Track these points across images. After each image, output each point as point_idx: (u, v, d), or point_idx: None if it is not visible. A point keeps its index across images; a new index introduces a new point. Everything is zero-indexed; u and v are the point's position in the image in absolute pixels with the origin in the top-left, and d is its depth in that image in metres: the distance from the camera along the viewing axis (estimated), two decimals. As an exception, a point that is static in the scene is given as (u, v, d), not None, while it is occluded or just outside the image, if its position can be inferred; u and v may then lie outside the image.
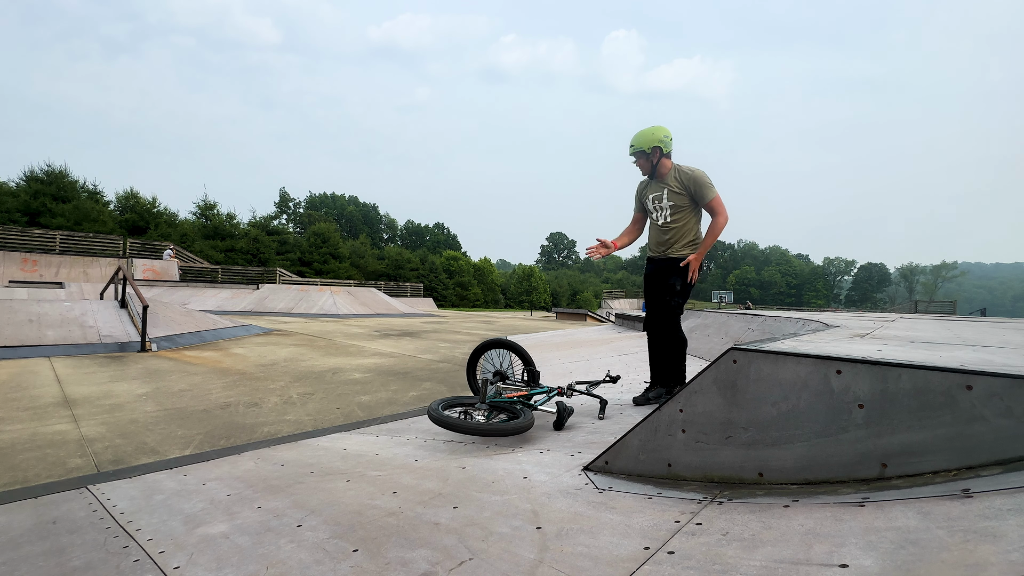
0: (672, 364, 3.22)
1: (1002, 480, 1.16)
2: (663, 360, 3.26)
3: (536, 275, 63.46)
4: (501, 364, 3.40)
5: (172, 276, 22.03)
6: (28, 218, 28.84)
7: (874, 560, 1.01)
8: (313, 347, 8.19)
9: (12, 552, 1.63)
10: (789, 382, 1.53)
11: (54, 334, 7.10)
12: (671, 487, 1.67)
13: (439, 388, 5.17)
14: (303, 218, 57.85)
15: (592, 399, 3.29)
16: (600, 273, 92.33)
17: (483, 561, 1.32)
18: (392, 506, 1.76)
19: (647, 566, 1.20)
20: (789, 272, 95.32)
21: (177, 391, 4.70)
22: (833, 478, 1.43)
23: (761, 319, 5.77)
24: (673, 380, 3.21)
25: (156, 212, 36.21)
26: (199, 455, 2.82)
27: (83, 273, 19.29)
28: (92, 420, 3.66)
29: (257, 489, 2.09)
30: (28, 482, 2.49)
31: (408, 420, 3.57)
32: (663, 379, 3.26)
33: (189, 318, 9.39)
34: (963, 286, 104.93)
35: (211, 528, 1.70)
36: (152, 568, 1.45)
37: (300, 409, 4.12)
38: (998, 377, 1.25)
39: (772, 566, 1.09)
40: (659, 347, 3.28)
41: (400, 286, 36.09)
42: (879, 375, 1.39)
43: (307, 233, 48.11)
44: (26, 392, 4.49)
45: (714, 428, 1.66)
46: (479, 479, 2.01)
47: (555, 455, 2.27)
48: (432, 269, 51.17)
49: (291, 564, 1.40)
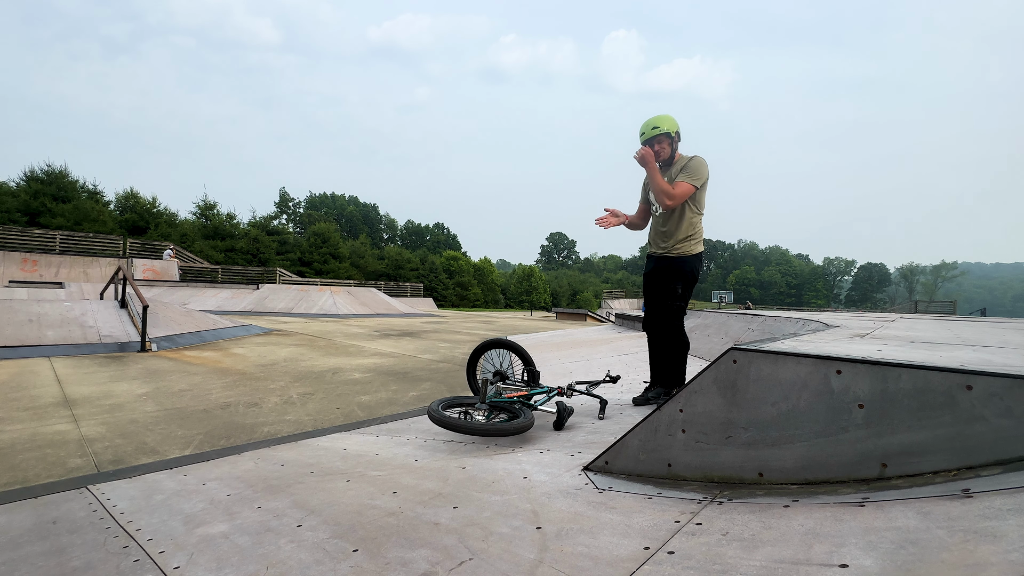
0: (673, 366, 3.21)
1: (1002, 480, 1.16)
2: (663, 361, 3.25)
3: (536, 275, 63.47)
4: (501, 364, 3.40)
5: (172, 276, 22.03)
6: (28, 218, 28.84)
7: (874, 560, 1.01)
8: (313, 347, 8.19)
9: (12, 552, 1.63)
10: (789, 382, 1.53)
11: (54, 334, 7.10)
12: (671, 487, 1.67)
13: (439, 388, 5.17)
14: (303, 218, 57.86)
15: (592, 399, 3.28)
16: (600, 273, 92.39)
17: (483, 561, 1.32)
18: (392, 506, 1.76)
19: (647, 566, 1.20)
20: (789, 272, 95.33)
21: (177, 391, 4.70)
22: (833, 478, 1.43)
23: (761, 319, 5.78)
24: (673, 382, 3.20)
25: (156, 212, 36.21)
26: (199, 455, 2.82)
27: (83, 273, 19.30)
28: (92, 420, 3.66)
29: (257, 489, 2.08)
30: (28, 482, 2.49)
31: (408, 420, 3.57)
32: (663, 380, 3.25)
33: (189, 318, 9.39)
34: (963, 286, 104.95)
35: (211, 528, 1.70)
36: (152, 568, 1.45)
37: (300, 409, 4.12)
38: (998, 377, 1.25)
39: (772, 566, 1.09)
40: (659, 348, 3.27)
41: (400, 286, 36.10)
42: (879, 375, 1.39)
43: (307, 233, 48.12)
44: (26, 392, 4.49)
45: (714, 428, 1.66)
46: (479, 479, 2.00)
47: (555, 455, 2.27)
48: (432, 269, 51.17)
49: (291, 564, 1.40)
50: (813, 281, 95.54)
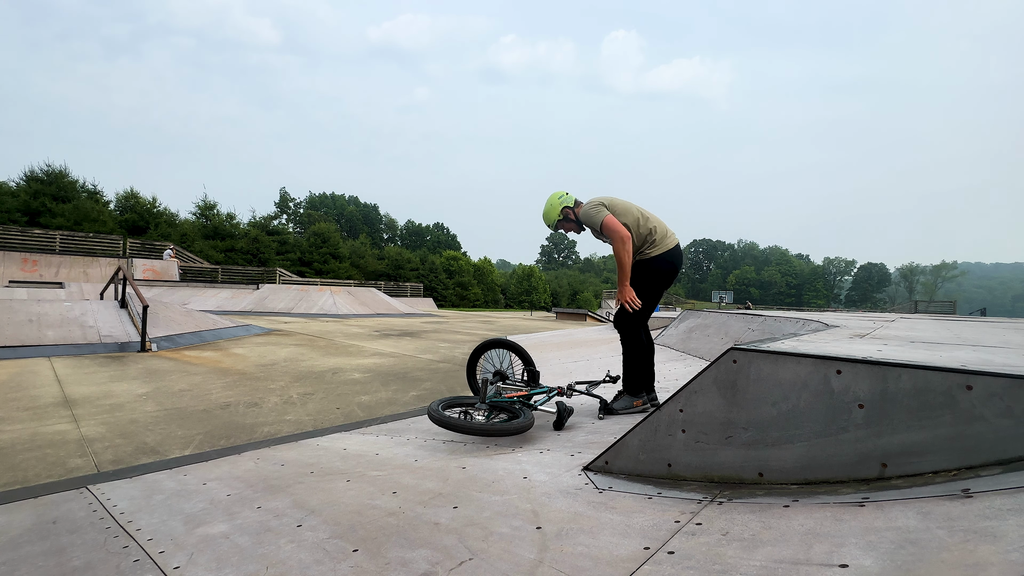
0: (624, 367, 3.15)
1: (1002, 480, 1.16)
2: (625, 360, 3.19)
3: (536, 275, 63.49)
4: (501, 364, 3.40)
5: (172, 276, 22.04)
6: (28, 218, 28.85)
7: (874, 560, 1.01)
8: (313, 347, 8.19)
9: (12, 552, 1.63)
10: (789, 382, 1.53)
11: (54, 334, 7.10)
12: (671, 487, 1.67)
13: (439, 388, 5.17)
14: (303, 218, 57.88)
15: (592, 399, 3.29)
16: (600, 273, 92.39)
17: (483, 561, 1.32)
18: (392, 506, 1.76)
19: (647, 566, 1.20)
20: (789, 272, 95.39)
21: (177, 391, 4.70)
22: (833, 478, 1.43)
23: (761, 319, 5.77)
24: (623, 383, 3.15)
25: (156, 212, 36.22)
26: (199, 455, 2.82)
27: (83, 273, 19.30)
28: (92, 420, 3.66)
29: (257, 489, 2.08)
30: (28, 482, 2.49)
31: (408, 420, 3.57)
32: (624, 380, 3.20)
33: (189, 318, 9.39)
34: (963, 286, 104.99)
35: (211, 528, 1.70)
36: (152, 568, 1.45)
37: (300, 409, 4.12)
38: (998, 377, 1.25)
39: (772, 566, 1.09)
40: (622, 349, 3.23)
41: (400, 286, 36.10)
42: (879, 375, 1.39)
43: (307, 233, 48.13)
44: (26, 392, 4.49)
45: (714, 428, 1.66)
46: (479, 479, 2.00)
47: (555, 455, 2.27)
48: (432, 269, 51.17)
49: (291, 564, 1.40)
50: (813, 281, 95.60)
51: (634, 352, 3.13)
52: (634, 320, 3.13)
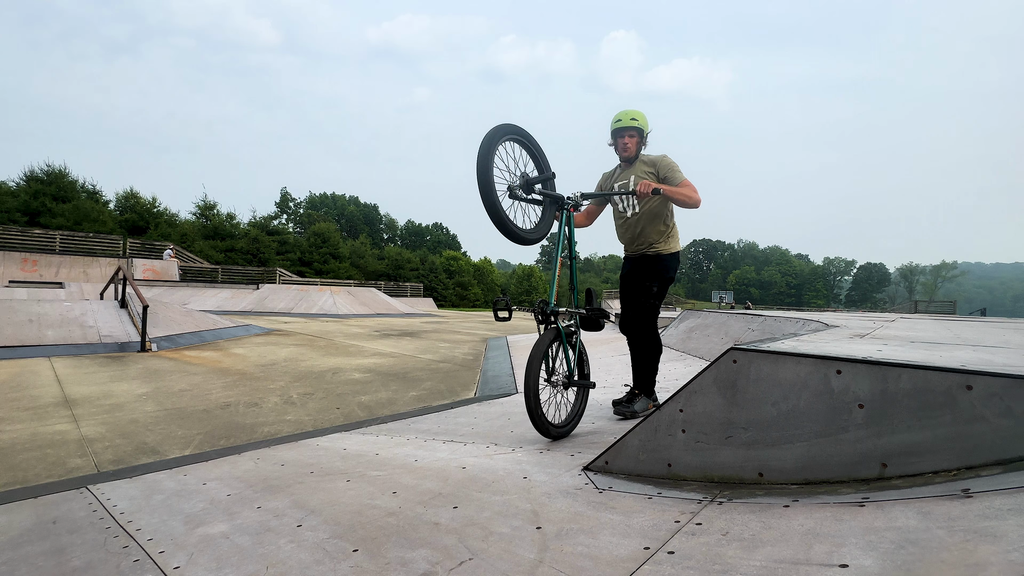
0: (644, 367, 3.10)
1: (1002, 480, 1.16)
2: (637, 363, 3.15)
3: (536, 275, 63.44)
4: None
5: (172, 276, 22.04)
6: (28, 218, 28.85)
7: (874, 560, 1.01)
8: (313, 347, 8.19)
9: (12, 552, 1.63)
10: (789, 382, 1.53)
11: (54, 334, 7.10)
12: (671, 487, 1.67)
13: (439, 388, 5.17)
14: (303, 218, 57.83)
15: (593, 400, 3.28)
16: (600, 273, 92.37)
17: (483, 561, 1.32)
18: (392, 506, 1.76)
19: (647, 566, 1.20)
20: (789, 272, 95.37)
21: (177, 391, 4.70)
22: (833, 478, 1.43)
23: (761, 319, 5.77)
24: (642, 384, 3.10)
25: (156, 212, 36.24)
26: (199, 455, 2.82)
27: (83, 273, 19.30)
28: (92, 420, 3.66)
29: (257, 489, 2.08)
30: (28, 482, 2.49)
31: (408, 420, 3.57)
32: (636, 382, 3.15)
33: (189, 318, 9.39)
34: (963, 286, 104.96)
35: (211, 528, 1.70)
36: (152, 568, 1.45)
37: (300, 409, 4.12)
38: (998, 377, 1.25)
39: (772, 566, 1.09)
40: (635, 349, 3.17)
41: (400, 286, 36.10)
42: (879, 375, 1.39)
43: (307, 233, 48.12)
44: (26, 392, 4.49)
45: (714, 428, 1.66)
46: (479, 479, 2.01)
47: (555, 455, 2.27)
48: (432, 269, 51.16)
49: (291, 564, 1.40)
50: (813, 281, 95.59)
51: (656, 351, 3.12)
52: (654, 315, 3.10)
